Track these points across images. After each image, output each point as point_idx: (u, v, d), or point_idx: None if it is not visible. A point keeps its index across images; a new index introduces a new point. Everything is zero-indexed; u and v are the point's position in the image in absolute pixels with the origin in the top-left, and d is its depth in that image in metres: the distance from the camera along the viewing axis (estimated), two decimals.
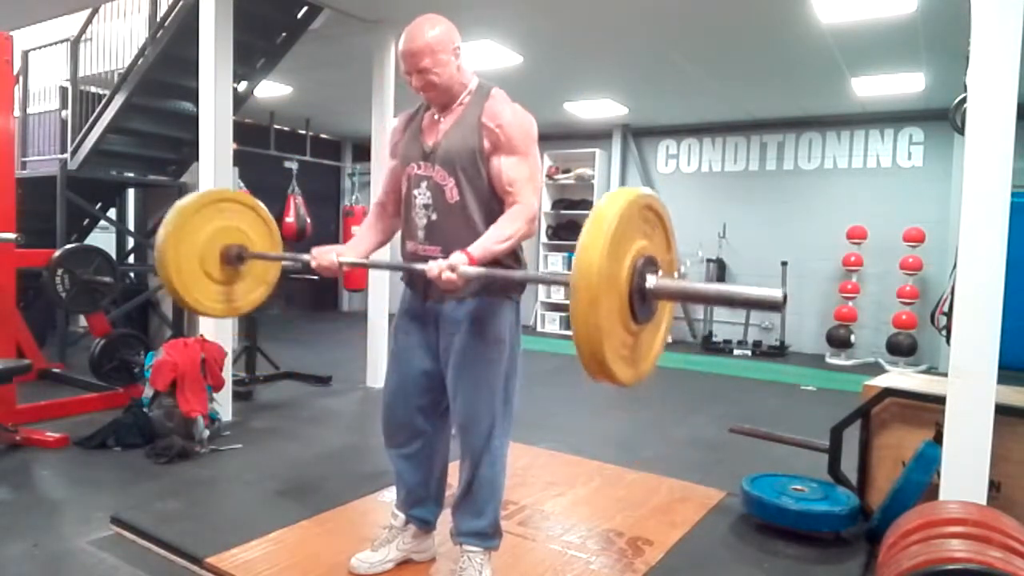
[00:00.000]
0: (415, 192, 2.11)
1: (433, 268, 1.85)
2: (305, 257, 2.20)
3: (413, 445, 2.27)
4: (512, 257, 2.08)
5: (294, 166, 8.41)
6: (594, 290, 1.44)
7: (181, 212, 2.31)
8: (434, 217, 2.08)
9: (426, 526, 2.37)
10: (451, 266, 1.83)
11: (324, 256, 2.14)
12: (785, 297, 1.48)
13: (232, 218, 2.42)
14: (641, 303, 1.59)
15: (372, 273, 5.26)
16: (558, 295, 9.08)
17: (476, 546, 2.20)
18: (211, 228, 2.35)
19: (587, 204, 8.96)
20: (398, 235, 2.29)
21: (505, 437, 2.19)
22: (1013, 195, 2.18)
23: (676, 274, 1.79)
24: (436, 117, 2.13)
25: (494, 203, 2.04)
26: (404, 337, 2.24)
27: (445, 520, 2.38)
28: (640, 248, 1.59)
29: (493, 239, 1.94)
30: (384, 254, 3.53)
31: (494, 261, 1.96)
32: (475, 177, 2.03)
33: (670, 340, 8.66)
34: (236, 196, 2.47)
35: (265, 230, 2.55)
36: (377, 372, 5.13)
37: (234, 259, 2.39)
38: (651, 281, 1.58)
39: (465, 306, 2.09)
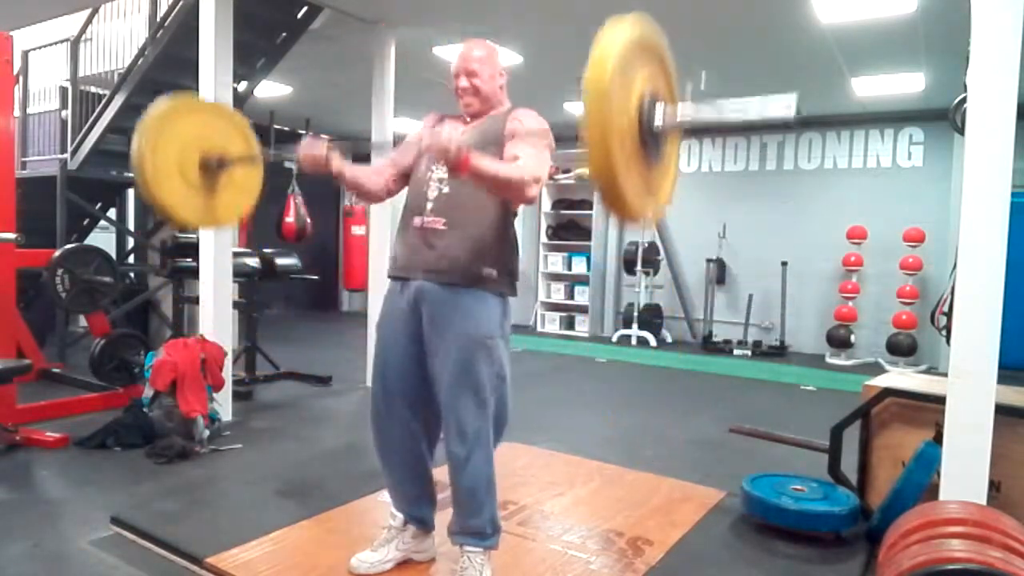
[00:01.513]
0: (432, 167, 2.18)
1: (444, 132, 1.87)
2: (292, 150, 2.15)
3: (402, 441, 2.28)
4: (505, 270, 2.15)
5: (294, 166, 8.40)
6: (606, 122, 1.42)
7: (158, 117, 2.24)
8: (446, 189, 2.14)
9: (424, 526, 2.37)
10: (459, 145, 1.84)
11: (313, 145, 2.15)
12: (798, 111, 1.43)
13: (209, 129, 2.36)
14: (652, 141, 1.57)
15: (372, 273, 5.26)
16: (558, 295, 9.08)
17: (476, 546, 2.20)
18: (189, 135, 2.29)
19: (587, 204, 8.96)
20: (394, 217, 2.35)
21: (494, 433, 2.20)
22: (1013, 195, 2.18)
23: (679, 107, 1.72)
24: (466, 120, 2.26)
25: None
26: (390, 334, 2.26)
27: (445, 520, 2.38)
28: (645, 79, 1.58)
29: (489, 167, 1.94)
30: (384, 257, 3.51)
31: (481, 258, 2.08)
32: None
33: (669, 340, 8.59)
34: (210, 107, 2.43)
35: (244, 144, 2.49)
36: None
37: (214, 166, 2.32)
38: (659, 118, 1.55)
39: (454, 299, 2.10)
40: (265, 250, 5.55)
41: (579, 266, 8.95)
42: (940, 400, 2.35)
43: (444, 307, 2.11)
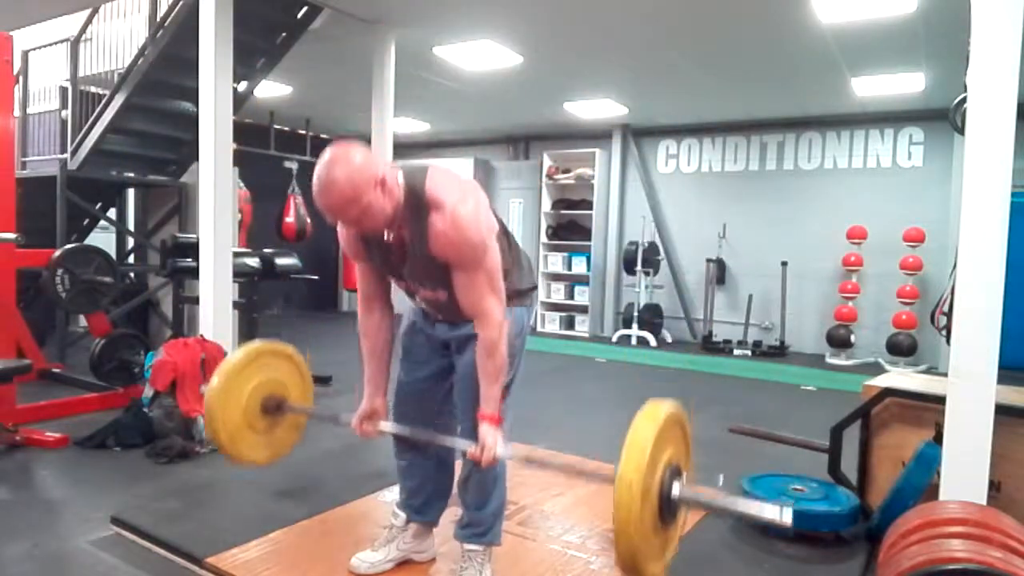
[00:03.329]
0: (413, 296, 2.16)
1: (481, 457, 1.92)
2: (343, 419, 2.27)
3: (415, 450, 2.30)
4: (515, 291, 2.09)
5: (294, 166, 8.40)
6: (634, 516, 1.67)
7: (226, 374, 2.36)
8: (433, 305, 2.13)
9: (427, 524, 2.38)
10: (493, 456, 1.92)
11: (368, 425, 2.19)
12: (792, 519, 1.60)
13: (269, 370, 2.51)
14: (668, 511, 1.75)
15: None
16: (558, 295, 9.08)
17: (477, 544, 2.21)
18: (251, 385, 2.43)
19: (587, 204, 8.96)
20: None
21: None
22: (1013, 195, 2.18)
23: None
24: (387, 237, 1.99)
25: None
26: (413, 338, 2.28)
27: (446, 520, 2.38)
28: (668, 458, 1.74)
29: (490, 387, 1.96)
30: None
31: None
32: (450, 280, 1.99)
33: (669, 340, 8.58)
34: (271, 348, 2.55)
35: (298, 375, 2.64)
36: None
37: (273, 410, 2.48)
38: (676, 491, 1.75)
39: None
40: (265, 250, 5.54)
41: (579, 266, 8.95)
42: (940, 400, 2.35)
43: (466, 329, 2.09)
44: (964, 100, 2.39)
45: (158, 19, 5.30)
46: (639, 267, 8.28)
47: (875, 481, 2.78)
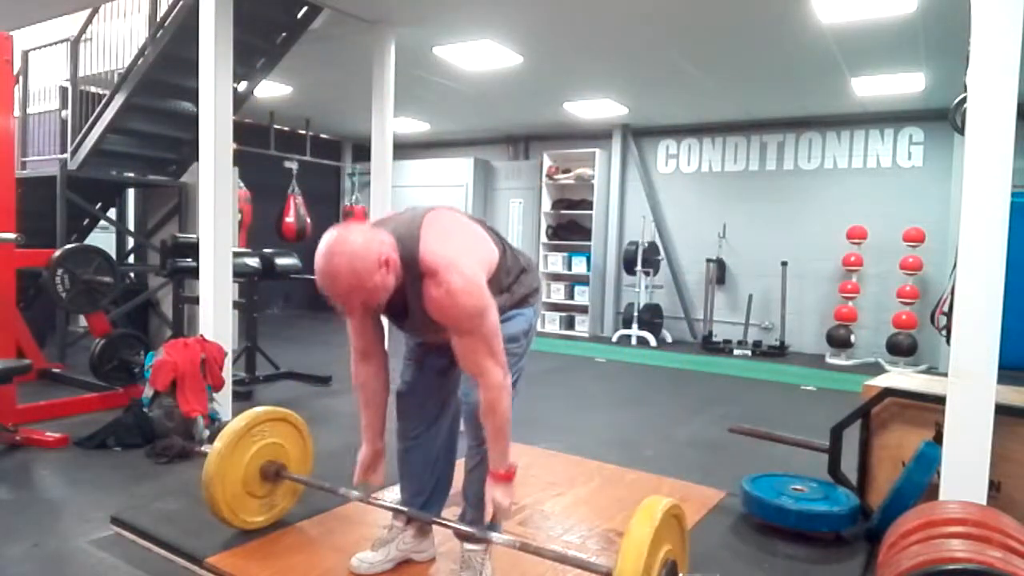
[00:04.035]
0: (415, 338, 2.22)
1: (500, 515, 2.04)
2: (343, 492, 2.39)
3: (422, 432, 2.32)
4: (519, 298, 2.16)
5: (294, 166, 8.41)
6: None
7: (221, 454, 2.41)
8: (436, 344, 2.14)
9: (428, 524, 2.38)
10: (505, 509, 2.05)
11: (372, 475, 2.26)
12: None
13: (267, 435, 2.57)
14: None
15: None
16: (558, 295, 9.08)
17: (477, 544, 2.21)
18: (249, 454, 2.50)
19: (587, 204, 8.96)
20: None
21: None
22: (1013, 195, 2.18)
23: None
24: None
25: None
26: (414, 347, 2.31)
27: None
28: (665, 556, 1.75)
29: (495, 445, 2.02)
30: None
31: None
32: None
33: (669, 340, 8.57)
34: (268, 413, 2.60)
35: (298, 437, 2.72)
36: None
37: (272, 476, 2.55)
38: None
39: None
40: (265, 250, 5.55)
41: (579, 266, 8.95)
42: (940, 400, 2.35)
43: None
44: (964, 100, 2.39)
45: (158, 19, 5.30)
46: (639, 267, 8.28)
47: (875, 481, 2.78)
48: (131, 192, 7.22)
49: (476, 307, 1.87)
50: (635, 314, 8.30)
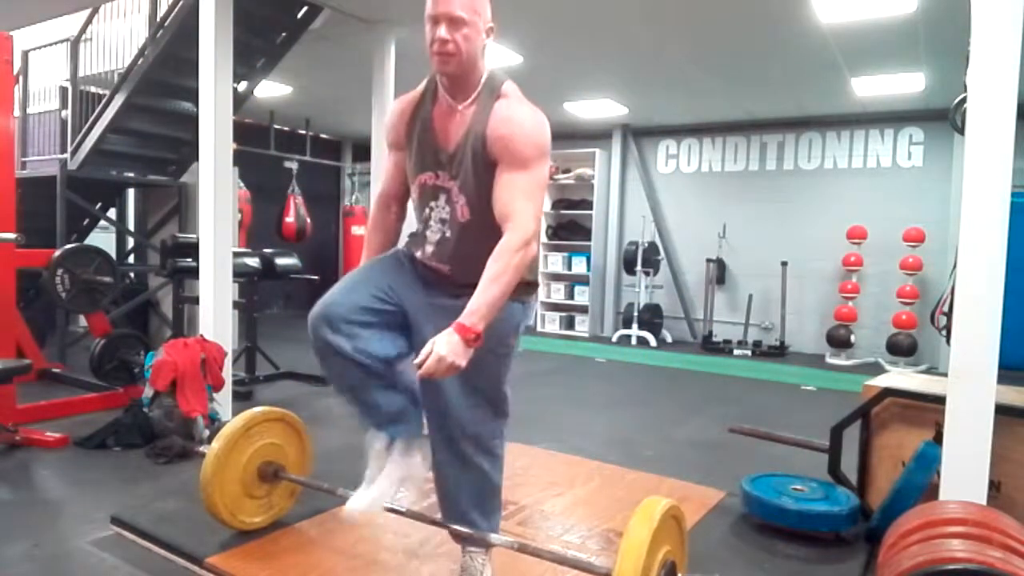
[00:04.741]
0: (432, 204, 1.94)
1: (430, 366, 1.68)
2: (341, 492, 2.30)
3: (365, 330, 2.00)
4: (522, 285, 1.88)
5: (294, 166, 8.41)
6: None
7: (218, 456, 2.41)
8: (448, 234, 1.92)
9: (411, 438, 2.13)
10: (448, 365, 1.67)
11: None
12: None
13: (265, 435, 2.58)
14: None
15: None
16: (558, 295, 9.08)
17: (478, 545, 2.20)
18: (247, 455, 2.50)
19: (587, 204, 8.96)
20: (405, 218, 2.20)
21: (503, 438, 2.18)
22: (1013, 195, 2.17)
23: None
24: (450, 107, 1.88)
25: None
26: (400, 265, 2.07)
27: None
28: (664, 557, 1.74)
29: (484, 291, 1.71)
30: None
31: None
32: (488, 192, 1.82)
33: (669, 340, 8.55)
34: (266, 414, 2.60)
35: (296, 437, 2.72)
36: None
37: (270, 476, 2.56)
38: None
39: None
40: (265, 250, 5.55)
41: (579, 266, 8.95)
42: (940, 400, 2.34)
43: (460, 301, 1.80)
44: (964, 100, 2.39)
45: (158, 19, 5.30)
46: (639, 267, 8.28)
47: (875, 481, 2.78)
48: (131, 192, 7.23)
49: (539, 142, 1.82)
50: (635, 314, 8.30)
